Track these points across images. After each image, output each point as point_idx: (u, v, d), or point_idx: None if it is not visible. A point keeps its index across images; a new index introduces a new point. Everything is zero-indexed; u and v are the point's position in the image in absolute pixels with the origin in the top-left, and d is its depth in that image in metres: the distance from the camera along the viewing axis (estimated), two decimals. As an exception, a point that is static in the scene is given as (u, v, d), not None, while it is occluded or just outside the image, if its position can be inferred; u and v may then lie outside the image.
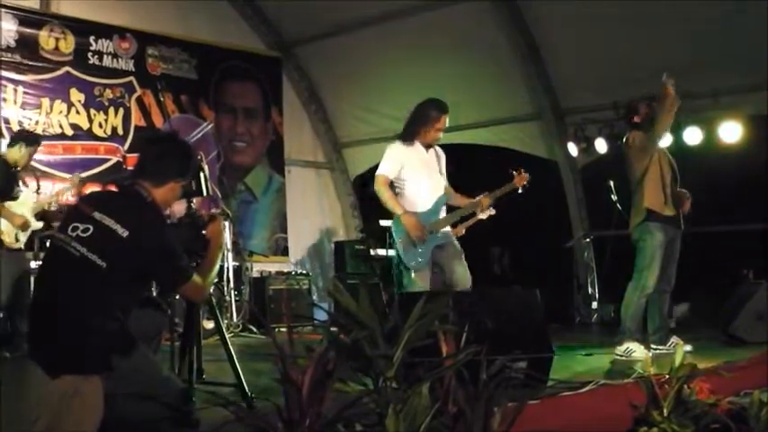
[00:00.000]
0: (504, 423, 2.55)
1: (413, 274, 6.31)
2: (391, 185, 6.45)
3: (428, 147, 6.60)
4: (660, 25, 8.93)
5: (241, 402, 3.22)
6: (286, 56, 12.26)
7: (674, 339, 7.07)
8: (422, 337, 2.53)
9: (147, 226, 3.62)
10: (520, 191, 6.82)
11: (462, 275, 6.41)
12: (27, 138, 7.83)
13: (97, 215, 3.59)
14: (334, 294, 2.50)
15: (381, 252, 10.28)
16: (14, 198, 7.52)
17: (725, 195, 9.20)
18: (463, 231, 10.11)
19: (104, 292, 3.51)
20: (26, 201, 7.67)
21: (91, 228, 3.57)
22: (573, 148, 10.50)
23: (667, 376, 3.68)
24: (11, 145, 7.73)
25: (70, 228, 3.60)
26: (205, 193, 4.32)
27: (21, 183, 7.68)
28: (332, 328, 2.55)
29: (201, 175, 4.12)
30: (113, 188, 4.24)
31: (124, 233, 3.53)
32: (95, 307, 3.49)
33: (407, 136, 6.53)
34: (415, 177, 6.51)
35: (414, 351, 2.58)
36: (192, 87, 11.14)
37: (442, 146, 6.77)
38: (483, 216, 9.97)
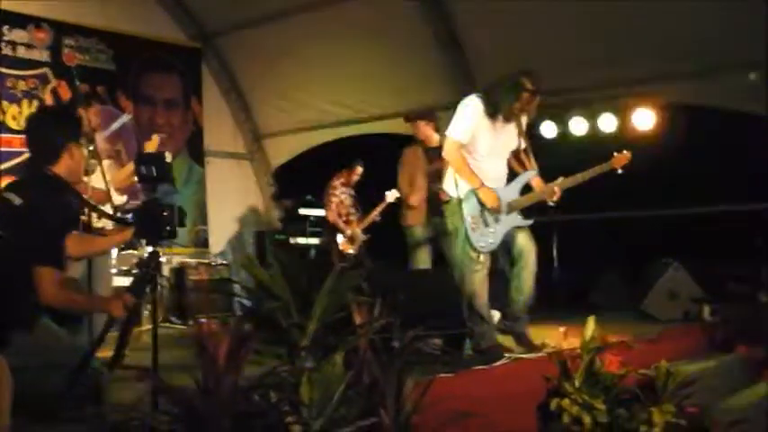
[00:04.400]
0: (417, 392, 2.63)
1: (481, 257, 5.64)
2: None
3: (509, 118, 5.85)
4: (577, 14, 9.06)
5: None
6: (206, 46, 12.14)
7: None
8: (336, 309, 2.58)
9: (36, 193, 3.75)
10: (619, 171, 6.06)
11: (530, 247, 5.81)
12: None
13: (5, 194, 3.80)
14: (246, 267, 2.54)
15: (301, 240, 10.30)
16: None
17: (638, 181, 9.43)
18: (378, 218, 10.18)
19: (4, 263, 3.61)
20: None
21: None
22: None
23: (579, 350, 3.81)
24: None
25: None
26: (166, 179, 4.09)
27: None
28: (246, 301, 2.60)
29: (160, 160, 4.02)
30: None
31: (17, 201, 3.68)
32: None
33: (488, 100, 5.75)
34: (488, 145, 5.82)
35: (330, 324, 2.64)
36: (110, 78, 10.94)
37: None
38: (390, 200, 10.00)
